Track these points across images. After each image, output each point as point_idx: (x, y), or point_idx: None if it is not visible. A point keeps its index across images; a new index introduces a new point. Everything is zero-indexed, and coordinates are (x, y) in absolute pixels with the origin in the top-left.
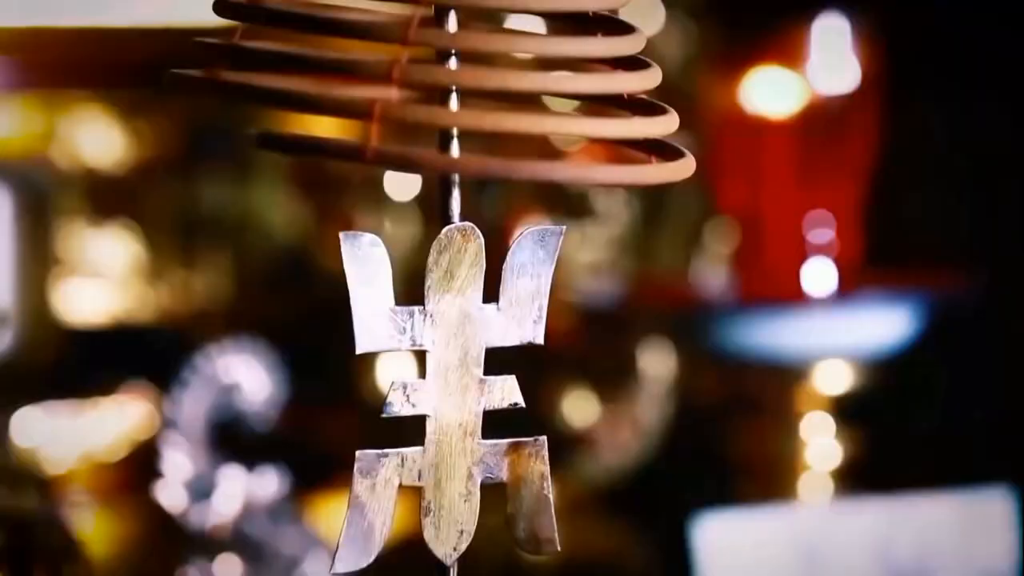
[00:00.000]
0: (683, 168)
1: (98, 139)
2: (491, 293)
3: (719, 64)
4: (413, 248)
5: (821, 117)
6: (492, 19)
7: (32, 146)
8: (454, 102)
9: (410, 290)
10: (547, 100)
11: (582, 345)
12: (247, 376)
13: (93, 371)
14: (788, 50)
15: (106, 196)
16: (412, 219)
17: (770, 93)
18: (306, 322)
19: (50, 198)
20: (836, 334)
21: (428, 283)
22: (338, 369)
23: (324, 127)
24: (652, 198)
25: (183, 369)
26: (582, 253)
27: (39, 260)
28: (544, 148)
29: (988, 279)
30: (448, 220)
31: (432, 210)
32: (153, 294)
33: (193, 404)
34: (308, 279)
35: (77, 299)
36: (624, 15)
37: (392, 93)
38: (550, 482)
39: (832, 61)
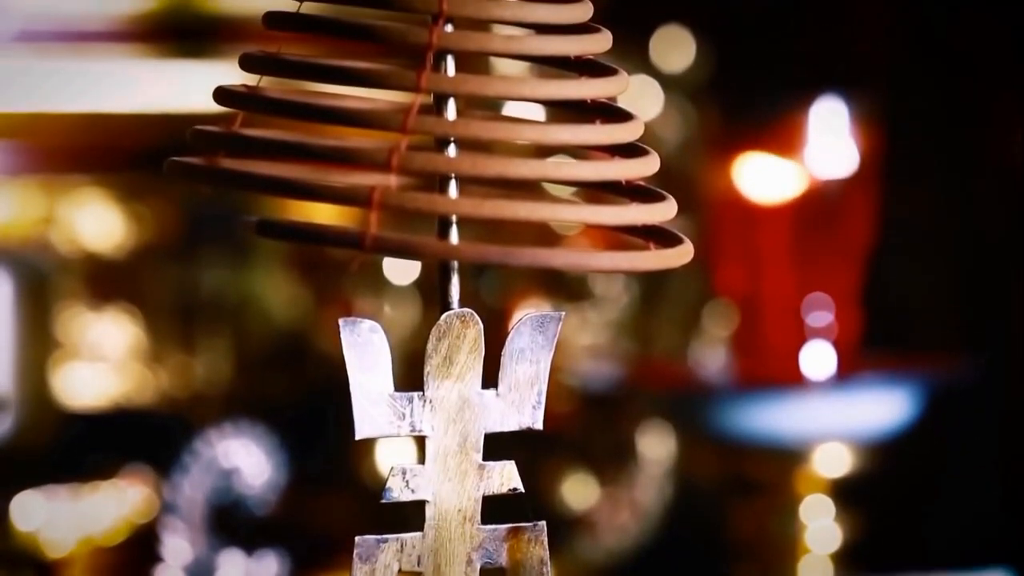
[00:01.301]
0: (681, 254)
1: (98, 223)
2: (490, 378)
3: (717, 147)
4: (412, 331)
5: (819, 200)
6: (491, 105)
7: (32, 230)
8: (453, 189)
9: (409, 372)
10: (546, 184)
11: (581, 428)
12: (246, 460)
13: (92, 455)
14: (786, 133)
15: (106, 280)
16: (411, 302)
17: (768, 176)
18: (305, 405)
19: (50, 282)
20: (835, 417)
21: (427, 369)
22: (337, 452)
23: (324, 212)
24: (651, 281)
25: (183, 453)
26: (581, 336)
27: (39, 344)
28: (543, 231)
29: (986, 362)
30: (447, 306)
31: (431, 293)
32: (153, 377)
33: (193, 488)
34: (307, 362)
35: (77, 383)
36: (623, 99)
37: (391, 180)
38: (549, 567)
39: (830, 145)
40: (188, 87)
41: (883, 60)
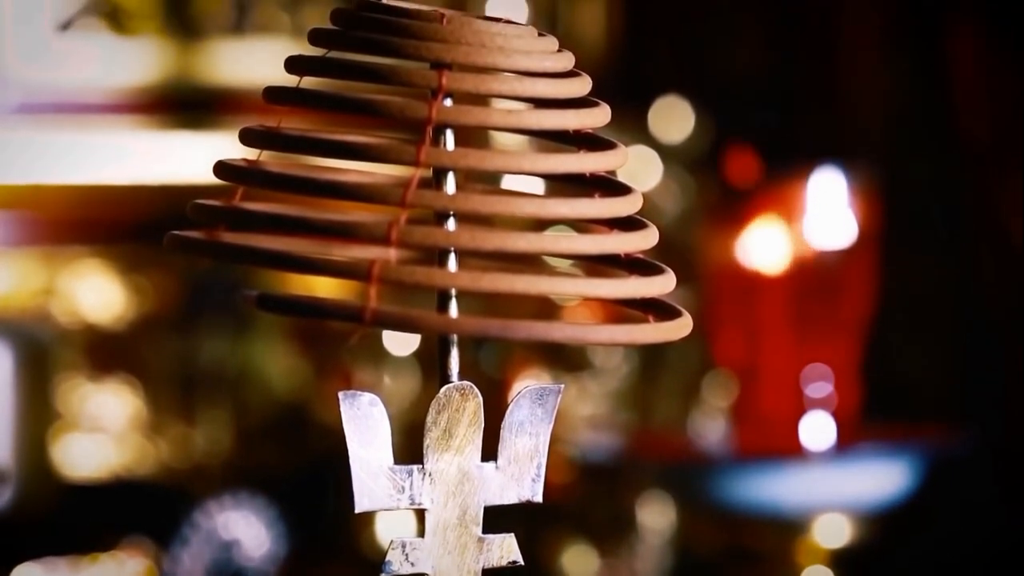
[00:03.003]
0: (680, 327)
1: (98, 294)
2: (490, 450)
3: (716, 218)
4: (412, 402)
5: (818, 271)
6: (490, 178)
7: (32, 301)
8: (452, 262)
9: (408, 442)
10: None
11: (581, 499)
12: (246, 532)
13: (92, 527)
14: (785, 204)
15: (106, 351)
16: (411, 373)
17: (767, 247)
18: (305, 476)
19: (50, 353)
20: (835, 488)
21: (427, 442)
22: (337, 524)
23: (324, 285)
24: (650, 352)
25: (183, 525)
26: (580, 407)
27: (39, 415)
28: (542, 302)
29: (984, 432)
30: (446, 378)
31: (431, 364)
32: (153, 449)
33: (192, 560)
34: (307, 433)
35: (77, 454)
36: (622, 169)
37: (391, 254)
38: None
39: (829, 215)
40: (188, 159)
41: (881, 131)
